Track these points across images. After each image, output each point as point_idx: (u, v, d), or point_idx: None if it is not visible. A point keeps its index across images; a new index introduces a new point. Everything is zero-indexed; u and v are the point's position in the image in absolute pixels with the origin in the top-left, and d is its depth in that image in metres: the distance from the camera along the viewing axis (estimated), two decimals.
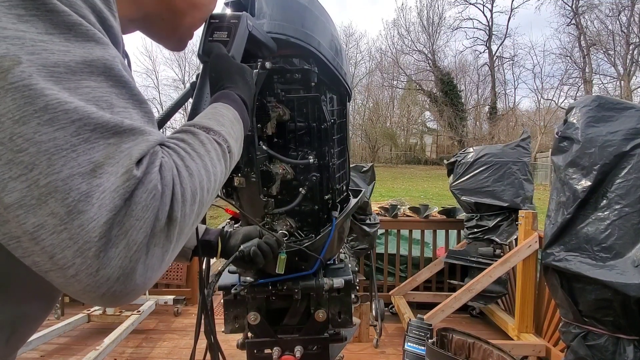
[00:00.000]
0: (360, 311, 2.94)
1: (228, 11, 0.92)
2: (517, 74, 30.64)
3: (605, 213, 1.82)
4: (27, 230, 0.34)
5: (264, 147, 1.02)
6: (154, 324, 3.40)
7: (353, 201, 1.35)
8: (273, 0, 1.00)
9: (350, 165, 1.41)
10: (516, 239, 3.05)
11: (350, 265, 1.34)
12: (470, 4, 30.38)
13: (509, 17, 29.96)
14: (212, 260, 1.17)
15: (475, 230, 3.28)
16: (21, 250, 0.35)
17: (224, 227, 1.14)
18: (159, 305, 3.49)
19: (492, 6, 30.08)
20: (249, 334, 1.25)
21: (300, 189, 1.10)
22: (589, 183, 1.88)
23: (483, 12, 30.64)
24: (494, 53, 30.81)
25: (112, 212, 0.36)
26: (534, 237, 2.71)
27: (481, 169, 3.27)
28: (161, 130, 0.72)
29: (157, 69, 40.70)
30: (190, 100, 0.81)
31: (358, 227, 2.99)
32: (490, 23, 30.51)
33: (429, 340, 1.82)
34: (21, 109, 0.33)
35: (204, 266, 1.12)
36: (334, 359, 1.29)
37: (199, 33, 0.80)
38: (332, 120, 1.12)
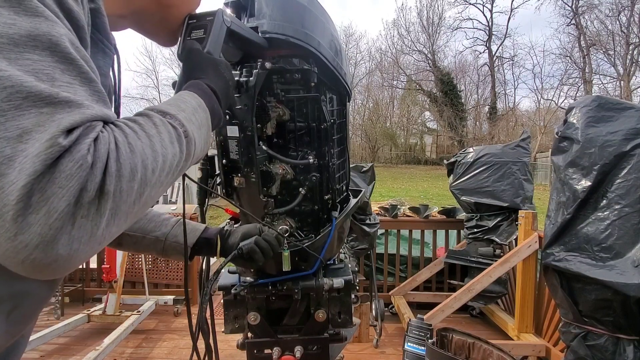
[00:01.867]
0: (360, 311, 2.94)
1: (228, 11, 0.92)
2: (517, 74, 30.65)
3: (605, 213, 1.83)
4: None
5: (263, 147, 1.02)
6: (154, 324, 3.40)
7: (353, 201, 1.34)
8: (273, 1, 1.00)
9: (350, 165, 1.41)
10: (516, 239, 3.05)
11: (350, 265, 1.34)
12: (470, 4, 30.43)
13: (509, 17, 30.05)
14: (212, 261, 1.17)
15: (475, 230, 3.28)
16: None
17: (223, 227, 1.13)
18: (159, 306, 3.49)
19: (492, 6, 30.16)
20: (249, 334, 1.25)
21: (300, 189, 1.09)
22: (589, 183, 1.88)
23: (483, 12, 30.71)
24: (493, 53, 30.86)
25: (31, 177, 0.36)
26: (533, 237, 2.71)
27: (481, 169, 3.27)
28: None
29: (157, 69, 40.72)
30: None
31: (358, 227, 2.99)
32: (490, 23, 30.56)
33: (429, 341, 1.82)
34: None
35: (204, 265, 1.12)
36: (334, 359, 1.28)
37: None
38: (332, 120, 1.12)
